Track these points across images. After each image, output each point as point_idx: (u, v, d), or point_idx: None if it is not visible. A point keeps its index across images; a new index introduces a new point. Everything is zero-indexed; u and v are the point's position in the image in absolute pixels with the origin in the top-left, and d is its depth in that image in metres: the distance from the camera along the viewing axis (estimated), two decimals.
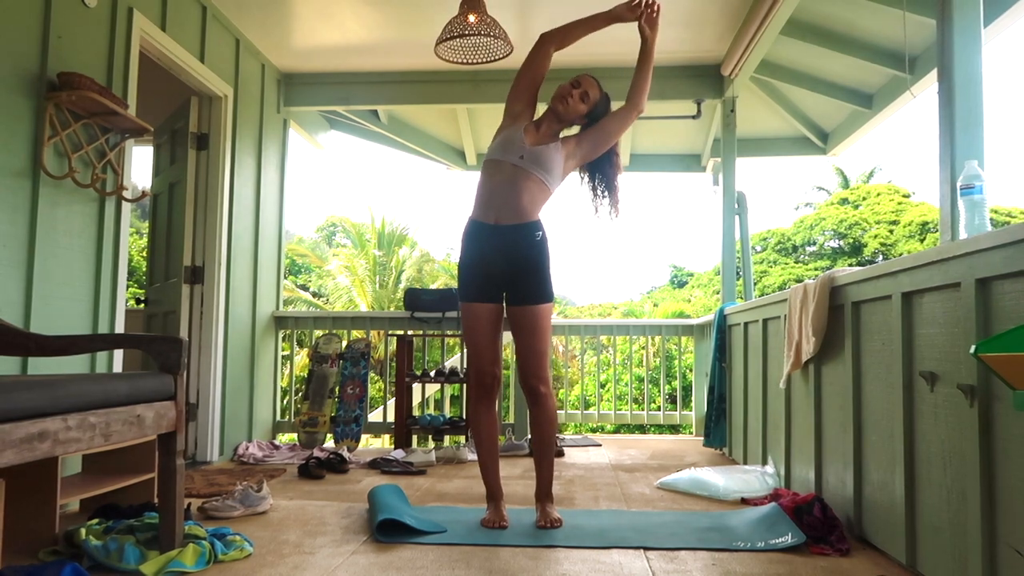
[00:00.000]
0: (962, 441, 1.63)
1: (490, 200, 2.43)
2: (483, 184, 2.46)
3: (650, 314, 18.59)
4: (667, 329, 5.25)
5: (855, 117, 4.77)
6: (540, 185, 2.41)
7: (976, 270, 1.55)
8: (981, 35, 2.05)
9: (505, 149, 2.43)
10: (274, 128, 4.57)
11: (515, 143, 2.43)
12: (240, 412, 4.12)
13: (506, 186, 2.40)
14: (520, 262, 2.39)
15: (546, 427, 2.45)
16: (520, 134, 2.45)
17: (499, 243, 2.40)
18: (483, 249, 2.43)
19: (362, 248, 16.01)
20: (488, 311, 2.45)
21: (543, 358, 2.44)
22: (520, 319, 2.42)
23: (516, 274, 2.40)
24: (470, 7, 3.22)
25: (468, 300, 2.46)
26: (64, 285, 2.69)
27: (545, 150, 2.42)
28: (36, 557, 2.00)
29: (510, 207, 2.39)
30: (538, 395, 2.43)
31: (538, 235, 2.42)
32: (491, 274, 2.42)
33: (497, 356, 2.50)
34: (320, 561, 2.01)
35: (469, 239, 2.47)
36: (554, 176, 2.45)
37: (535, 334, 2.41)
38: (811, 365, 2.56)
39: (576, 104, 2.48)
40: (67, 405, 1.63)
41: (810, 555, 2.06)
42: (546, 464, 2.48)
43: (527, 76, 2.53)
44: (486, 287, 2.44)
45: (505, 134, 2.47)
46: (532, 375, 2.42)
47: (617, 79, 4.51)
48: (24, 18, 2.51)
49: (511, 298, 2.44)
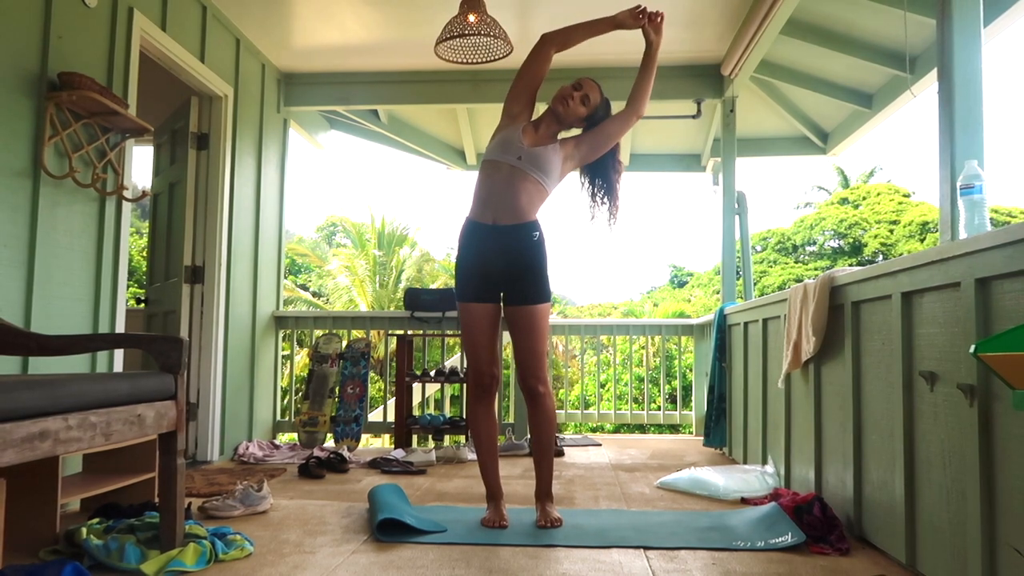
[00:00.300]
0: (962, 441, 1.63)
1: (488, 200, 2.42)
2: (481, 184, 2.46)
3: (650, 314, 18.60)
4: (667, 329, 5.25)
5: (855, 117, 4.77)
6: (537, 186, 2.41)
7: (976, 270, 1.55)
8: (981, 35, 2.05)
9: (504, 149, 2.43)
10: (274, 128, 4.57)
11: (513, 143, 2.43)
12: (240, 412, 4.12)
13: (504, 186, 2.40)
14: (518, 262, 2.39)
15: (545, 427, 2.45)
16: (518, 134, 2.45)
17: (497, 243, 2.40)
18: (481, 249, 2.43)
19: (362, 248, 16.01)
20: (486, 311, 2.45)
21: (541, 358, 2.44)
22: (518, 319, 2.42)
23: (514, 274, 2.40)
24: (470, 7, 3.22)
25: (466, 300, 2.46)
26: (64, 285, 2.69)
27: (543, 151, 2.42)
28: (37, 556, 2.00)
29: (508, 207, 2.39)
30: (536, 395, 2.43)
31: (535, 235, 2.42)
32: (489, 274, 2.42)
33: (495, 356, 2.50)
34: (320, 560, 2.01)
35: (467, 239, 2.47)
36: (551, 177, 2.45)
37: (533, 334, 2.41)
38: (811, 365, 2.56)
39: (576, 106, 2.48)
40: (68, 405, 1.63)
41: (810, 554, 2.06)
42: (545, 464, 2.49)
43: (526, 77, 2.53)
44: (484, 287, 2.44)
45: (503, 134, 2.47)
46: (530, 375, 2.42)
47: (618, 79, 4.52)
48: (24, 18, 2.51)
49: (509, 298, 2.44)
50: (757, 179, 50.82)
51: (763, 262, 20.99)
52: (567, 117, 2.49)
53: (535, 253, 2.41)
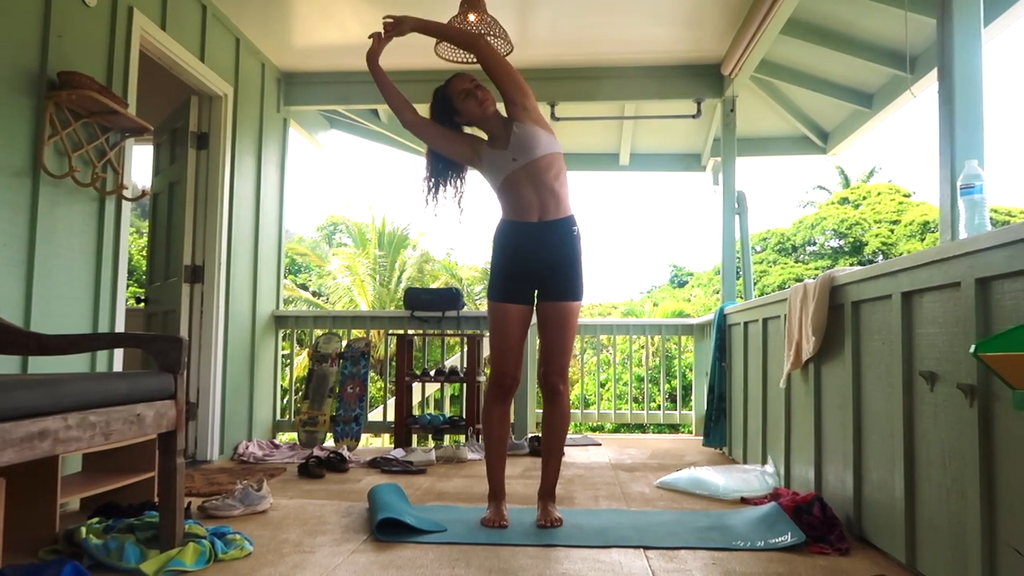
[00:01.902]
0: (962, 441, 1.63)
1: (528, 203, 2.40)
2: (510, 196, 2.43)
3: (650, 313, 18.59)
4: (667, 328, 5.25)
5: (855, 116, 4.76)
6: (549, 158, 2.40)
7: (976, 270, 1.55)
8: (981, 34, 2.05)
9: (500, 167, 2.42)
10: (274, 127, 4.57)
11: (500, 159, 2.41)
12: (240, 411, 4.12)
13: (532, 186, 2.39)
14: (559, 257, 2.40)
15: (561, 425, 2.46)
16: (494, 151, 2.44)
17: (539, 239, 2.40)
18: (521, 244, 2.42)
19: (363, 247, 16.01)
20: (520, 312, 2.45)
21: (568, 356, 2.46)
22: (552, 315, 2.42)
23: (554, 268, 2.40)
24: (470, 6, 3.22)
25: (500, 300, 2.44)
26: (64, 284, 2.69)
27: (521, 135, 2.40)
28: (36, 556, 2.00)
29: (549, 200, 2.39)
30: (557, 393, 2.44)
31: (575, 230, 2.44)
32: (526, 272, 2.42)
33: (520, 360, 2.50)
34: (320, 560, 2.01)
35: (506, 238, 2.45)
36: (549, 140, 2.42)
37: (565, 332, 2.42)
38: (811, 365, 2.56)
39: (485, 97, 2.48)
40: (67, 404, 1.63)
41: (810, 554, 2.06)
42: (553, 463, 2.49)
43: (446, 149, 2.54)
44: (521, 287, 2.44)
45: (487, 162, 2.46)
46: (555, 372, 2.44)
47: (618, 78, 4.54)
48: (24, 17, 2.51)
49: (544, 294, 2.43)
50: (757, 179, 50.76)
51: (763, 262, 20.99)
52: (490, 108, 2.49)
53: (574, 247, 2.42)
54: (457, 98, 2.50)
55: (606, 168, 6.00)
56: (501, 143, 2.44)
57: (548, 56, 4.38)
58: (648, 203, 59.25)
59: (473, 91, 2.48)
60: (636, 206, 57.70)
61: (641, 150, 5.97)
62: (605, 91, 4.57)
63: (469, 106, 2.48)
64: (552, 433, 2.47)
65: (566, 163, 2.51)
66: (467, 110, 2.49)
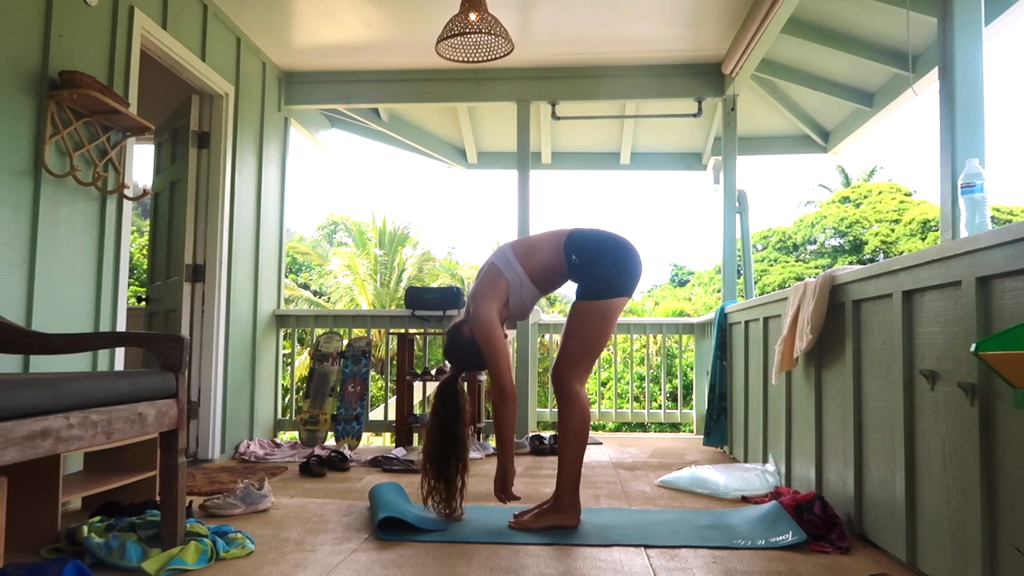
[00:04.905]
0: (962, 439, 1.63)
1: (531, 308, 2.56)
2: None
3: (651, 312, 18.57)
4: (668, 327, 5.25)
5: (856, 115, 4.76)
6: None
7: (977, 268, 1.55)
8: (982, 34, 2.05)
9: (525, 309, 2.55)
10: (275, 126, 4.57)
11: (523, 289, 2.49)
12: (241, 410, 4.13)
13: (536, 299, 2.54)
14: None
15: (562, 423, 2.44)
16: (521, 287, 2.50)
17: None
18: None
19: (363, 247, 16.02)
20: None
21: (576, 355, 2.47)
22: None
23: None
24: (471, 5, 3.21)
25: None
26: (66, 283, 2.69)
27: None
28: (38, 555, 2.00)
29: (547, 291, 2.57)
30: (560, 389, 2.46)
31: (574, 259, 2.46)
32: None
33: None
34: (321, 559, 2.02)
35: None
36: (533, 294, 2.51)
37: (571, 329, 2.49)
38: (812, 364, 2.56)
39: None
40: (69, 403, 1.63)
41: (810, 553, 2.06)
42: (559, 463, 2.41)
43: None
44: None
45: (514, 300, 2.51)
46: (563, 364, 2.47)
47: (618, 78, 4.54)
48: (25, 17, 2.51)
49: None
50: (758, 178, 50.71)
51: (764, 261, 20.99)
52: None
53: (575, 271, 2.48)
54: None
55: (607, 167, 6.00)
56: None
57: (549, 55, 4.37)
58: (649, 202, 59.28)
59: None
60: (637, 205, 57.75)
61: (642, 149, 5.96)
62: (606, 90, 4.56)
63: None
64: (558, 430, 2.48)
65: (566, 163, 2.51)
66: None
